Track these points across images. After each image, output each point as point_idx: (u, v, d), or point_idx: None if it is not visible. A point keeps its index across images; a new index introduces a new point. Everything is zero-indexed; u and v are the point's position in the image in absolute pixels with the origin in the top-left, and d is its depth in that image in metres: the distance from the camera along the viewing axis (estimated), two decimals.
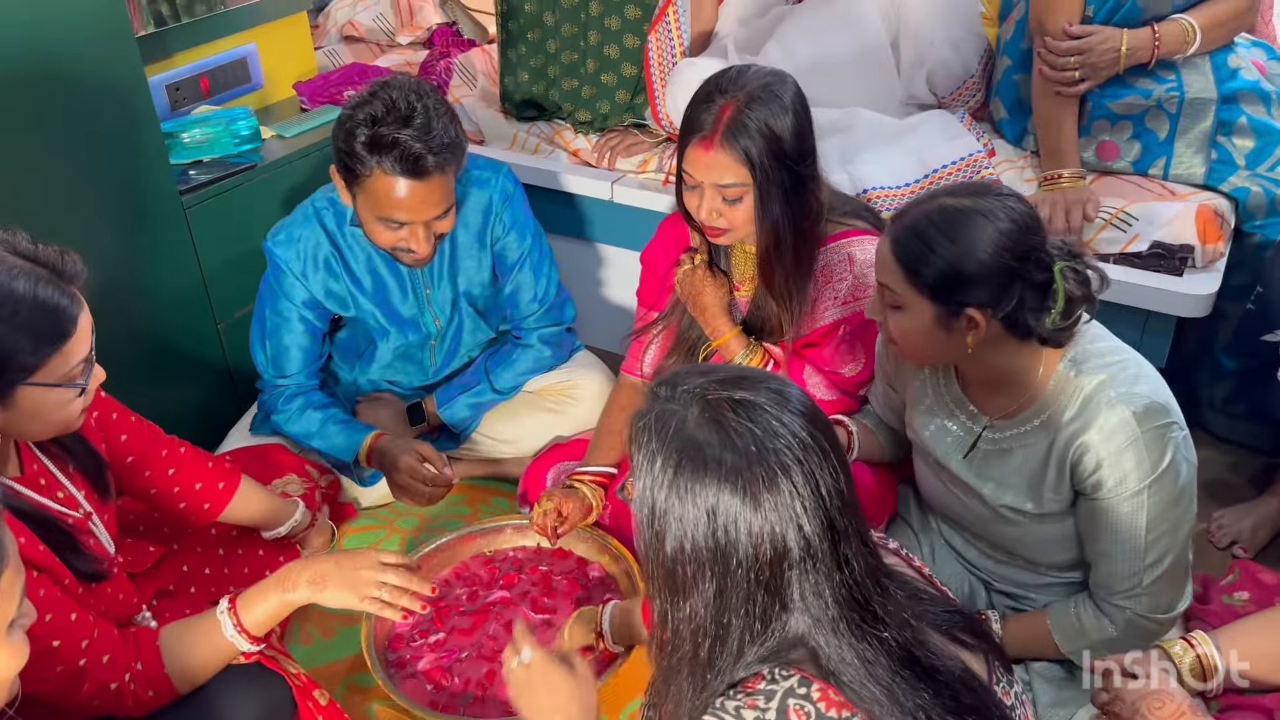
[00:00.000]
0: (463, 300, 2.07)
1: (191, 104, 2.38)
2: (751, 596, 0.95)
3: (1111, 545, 1.38)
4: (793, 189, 1.62)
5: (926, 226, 1.32)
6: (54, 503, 1.39)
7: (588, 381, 2.17)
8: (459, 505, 2.13)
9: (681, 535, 0.95)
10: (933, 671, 0.98)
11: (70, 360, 1.25)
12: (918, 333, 1.37)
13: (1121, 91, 1.98)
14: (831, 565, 0.95)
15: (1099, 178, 2.05)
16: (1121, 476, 1.34)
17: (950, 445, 1.54)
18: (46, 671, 1.24)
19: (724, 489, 0.93)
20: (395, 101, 1.73)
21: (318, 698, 1.50)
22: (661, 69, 2.35)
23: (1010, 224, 1.30)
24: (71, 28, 1.79)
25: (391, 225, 1.80)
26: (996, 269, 1.30)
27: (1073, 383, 1.37)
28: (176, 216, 2.09)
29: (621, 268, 2.53)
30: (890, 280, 1.37)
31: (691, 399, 0.97)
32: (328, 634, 1.83)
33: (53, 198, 1.84)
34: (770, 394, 0.97)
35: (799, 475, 0.93)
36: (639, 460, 0.98)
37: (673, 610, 0.99)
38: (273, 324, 2.00)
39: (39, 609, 1.22)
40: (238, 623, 1.38)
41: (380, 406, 2.15)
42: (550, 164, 2.50)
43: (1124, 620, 1.41)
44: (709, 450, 0.94)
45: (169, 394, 2.15)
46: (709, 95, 1.61)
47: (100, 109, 1.88)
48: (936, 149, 2.08)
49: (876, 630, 0.97)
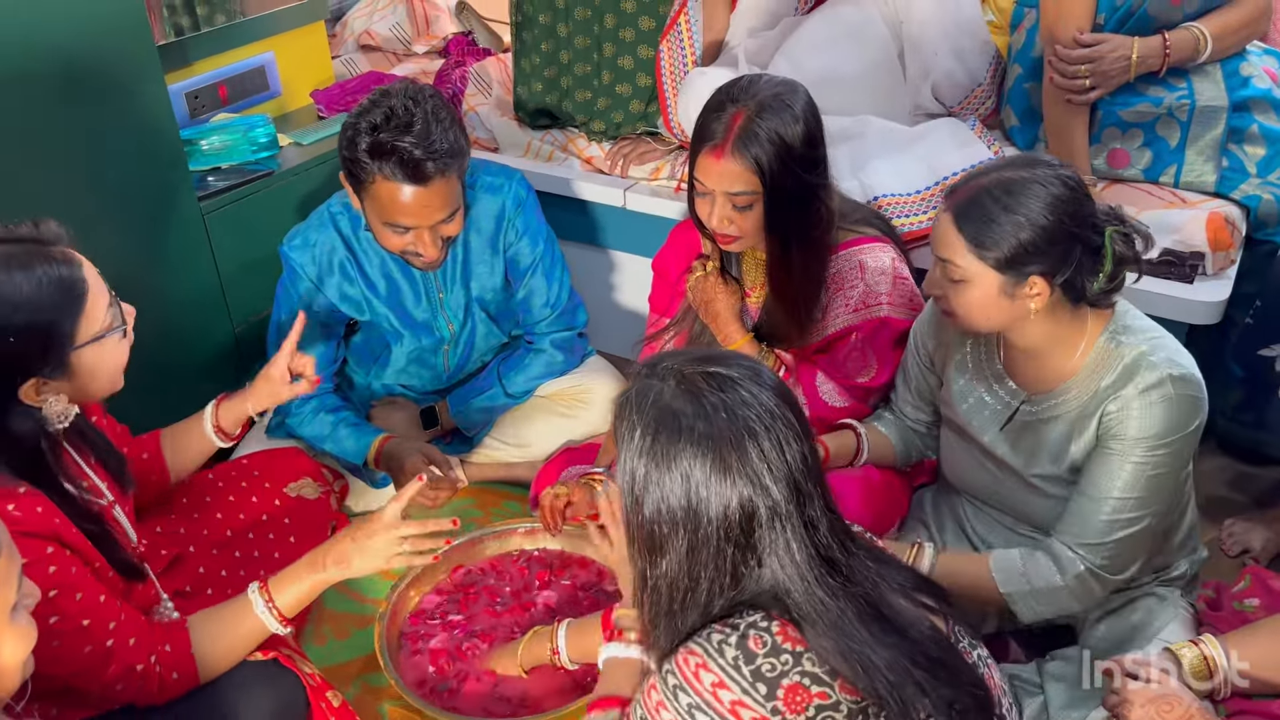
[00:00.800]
0: (475, 305, 2.09)
1: (210, 112, 2.42)
2: (721, 553, 1.02)
3: (1104, 491, 1.43)
4: (803, 197, 1.64)
5: (987, 199, 1.36)
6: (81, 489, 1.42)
7: (599, 386, 2.19)
8: (471, 509, 2.14)
9: (659, 499, 1.03)
10: (900, 628, 1.05)
11: (98, 313, 1.32)
12: (982, 304, 1.41)
13: (1132, 99, 1.98)
14: (799, 524, 1.03)
15: (1109, 185, 2.06)
16: (1145, 430, 1.39)
17: (988, 418, 1.57)
18: (74, 651, 1.27)
19: (697, 453, 1.01)
20: (395, 109, 1.75)
21: (330, 699, 1.52)
22: (673, 78, 2.37)
23: (1066, 189, 1.35)
24: (94, 37, 1.83)
25: (398, 230, 1.82)
26: (1059, 235, 1.35)
27: (1113, 353, 1.43)
28: (195, 222, 2.12)
29: (633, 274, 2.54)
30: (953, 255, 1.40)
31: (669, 374, 1.06)
32: (342, 635, 1.84)
33: (75, 203, 1.87)
34: (742, 369, 1.06)
35: (767, 441, 1.01)
36: (621, 431, 1.06)
37: (650, 569, 1.06)
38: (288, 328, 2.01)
39: (71, 587, 1.26)
40: (269, 600, 1.41)
41: (394, 410, 2.17)
42: (563, 171, 2.52)
43: (1075, 573, 1.46)
44: (683, 419, 1.02)
45: (186, 396, 2.16)
46: (721, 104, 1.63)
47: (122, 117, 1.91)
48: (947, 156, 2.09)
49: (844, 585, 1.04)
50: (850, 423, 1.76)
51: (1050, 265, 1.36)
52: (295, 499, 1.90)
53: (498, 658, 1.66)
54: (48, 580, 1.25)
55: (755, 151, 1.59)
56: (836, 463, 1.71)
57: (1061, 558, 1.47)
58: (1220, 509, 2.06)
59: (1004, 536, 1.65)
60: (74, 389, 1.32)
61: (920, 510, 1.80)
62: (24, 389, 1.26)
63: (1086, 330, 1.44)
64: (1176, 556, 1.60)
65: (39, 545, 1.25)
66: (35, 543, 1.25)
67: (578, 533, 1.87)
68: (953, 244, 1.39)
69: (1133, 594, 1.57)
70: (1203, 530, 1.71)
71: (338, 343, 2.08)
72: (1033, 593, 1.49)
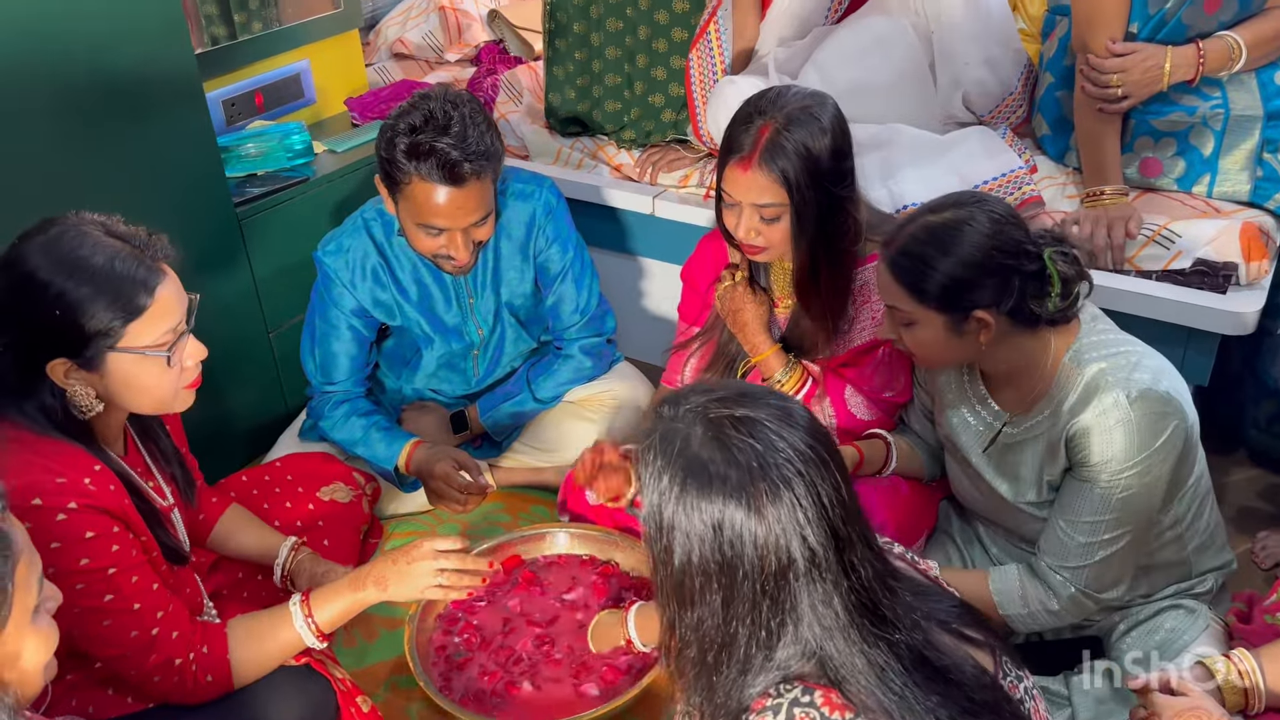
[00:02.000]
0: (505, 310, 2.12)
1: (247, 119, 2.45)
2: (757, 606, 0.97)
3: (1077, 514, 1.46)
4: (830, 210, 1.64)
5: (917, 246, 1.41)
6: (147, 488, 1.45)
7: (627, 392, 2.20)
8: (499, 513, 2.16)
9: (689, 549, 0.98)
10: (945, 671, 1.00)
11: (153, 329, 1.30)
12: (933, 343, 1.46)
13: (1165, 109, 1.97)
14: (838, 573, 0.97)
15: (1141, 194, 2.05)
16: (1108, 455, 1.41)
17: (972, 438, 1.60)
18: (122, 633, 1.31)
19: (729, 504, 0.95)
20: (433, 111, 1.78)
21: (360, 704, 1.54)
22: (703, 86, 2.38)
23: (992, 224, 1.39)
24: (136, 45, 1.86)
25: (431, 231, 1.84)
26: (991, 268, 1.39)
27: (1075, 373, 1.45)
28: (231, 228, 2.15)
29: (662, 281, 2.56)
30: (897, 301, 1.45)
31: (694, 418, 1.00)
32: (371, 637, 1.86)
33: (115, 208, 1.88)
34: (771, 410, 1.00)
35: (800, 487, 0.95)
36: (646, 478, 1.01)
37: (680, 619, 1.02)
38: (322, 332, 2.05)
39: (130, 568, 1.30)
40: (308, 614, 1.43)
41: (424, 415, 2.20)
42: (593, 179, 2.54)
43: (1067, 596, 1.50)
44: (713, 467, 0.97)
45: (221, 401, 2.21)
46: (748, 116, 1.64)
47: (162, 124, 1.95)
48: (978, 165, 2.08)
49: (887, 634, 0.99)
50: (879, 432, 1.77)
51: (990, 297, 1.40)
52: (328, 503, 1.92)
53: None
54: (109, 557, 1.28)
55: (782, 164, 1.60)
56: (867, 469, 1.72)
57: (1051, 582, 1.51)
58: (1252, 521, 2.04)
59: (1016, 555, 1.66)
60: (105, 389, 1.32)
61: (947, 524, 1.81)
62: (52, 364, 1.27)
63: (1051, 350, 1.47)
64: (1200, 568, 1.58)
65: (107, 521, 1.28)
66: (104, 518, 1.28)
67: (605, 537, 1.89)
68: (893, 291, 1.45)
69: (1159, 605, 1.56)
70: (1234, 542, 1.70)
71: (370, 347, 2.11)
72: (1030, 615, 1.54)
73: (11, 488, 1.22)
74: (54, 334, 1.26)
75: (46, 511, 1.24)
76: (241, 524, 1.75)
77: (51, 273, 1.24)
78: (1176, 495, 1.49)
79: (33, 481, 1.24)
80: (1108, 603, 1.52)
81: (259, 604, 1.73)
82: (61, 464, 1.27)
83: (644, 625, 1.61)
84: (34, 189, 1.75)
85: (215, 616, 1.56)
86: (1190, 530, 1.54)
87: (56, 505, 1.24)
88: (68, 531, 1.25)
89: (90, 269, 1.26)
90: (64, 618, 1.28)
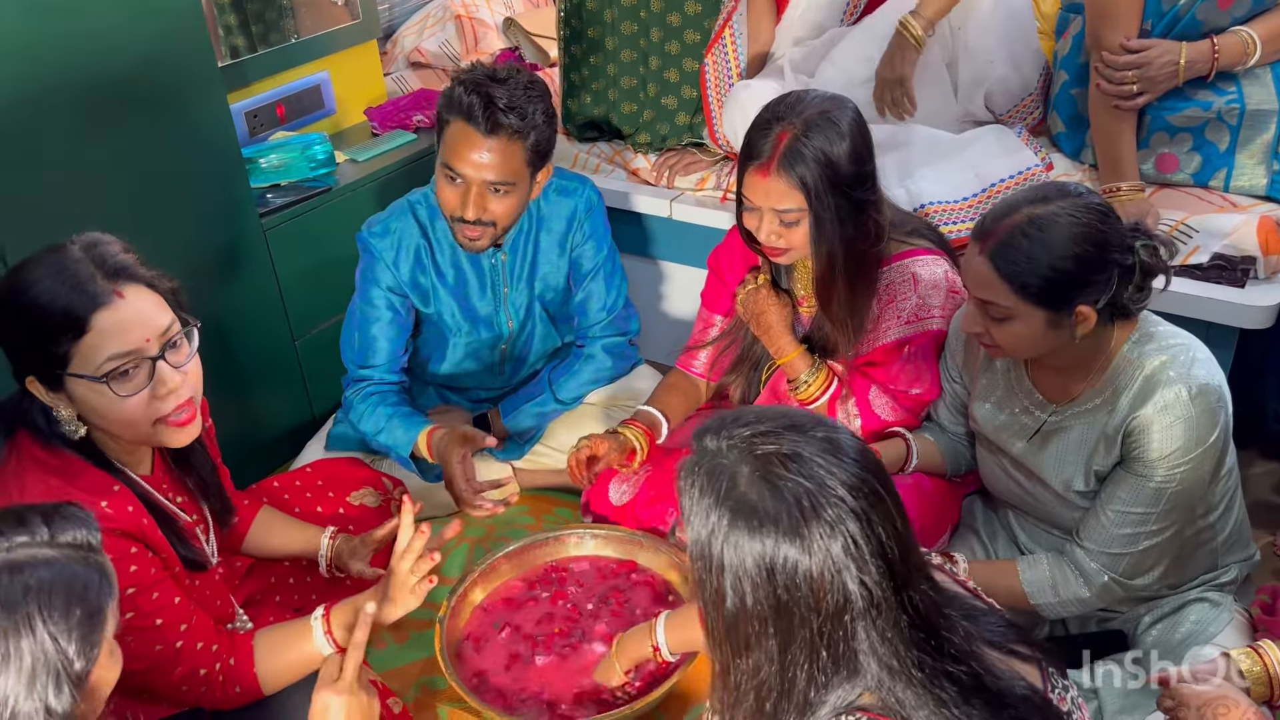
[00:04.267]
0: (537, 304, 2.15)
1: (269, 130, 2.49)
2: (816, 650, 0.95)
3: (1127, 506, 1.46)
4: (849, 213, 1.65)
5: (1021, 238, 1.37)
6: (173, 505, 1.47)
7: (647, 394, 2.21)
8: (523, 515, 2.18)
9: (741, 593, 0.95)
10: (1000, 696, 0.99)
11: (95, 354, 1.24)
12: (1030, 337, 1.43)
13: (1180, 104, 1.98)
14: (897, 610, 0.95)
15: (1158, 190, 2.05)
16: (1167, 449, 1.41)
17: (1016, 432, 1.60)
18: (147, 649, 1.33)
19: (781, 546, 0.92)
20: (498, 68, 1.88)
21: (390, 706, 1.56)
22: (718, 90, 2.40)
23: (1097, 217, 1.37)
24: (160, 59, 1.89)
25: (451, 177, 1.88)
26: (1097, 263, 1.37)
27: (1135, 363, 1.44)
28: (257, 238, 2.18)
29: (680, 283, 2.58)
30: (995, 296, 1.41)
31: (740, 455, 0.96)
32: (402, 638, 1.89)
33: (142, 220, 1.93)
34: (819, 443, 0.97)
35: (854, 525, 0.93)
36: (691, 515, 0.98)
37: (734, 664, 0.99)
38: (363, 314, 2.08)
39: (149, 586, 1.32)
40: (328, 629, 1.45)
41: (448, 418, 2.21)
42: (611, 183, 2.56)
43: (1100, 584, 1.51)
44: (763, 509, 0.93)
45: (248, 409, 2.24)
46: (767, 122, 1.65)
47: (187, 136, 1.98)
48: (994, 163, 2.09)
49: (945, 666, 0.97)
50: (899, 430, 1.78)
51: (1094, 293, 1.39)
52: (358, 507, 1.94)
53: (600, 672, 1.66)
54: (128, 578, 1.30)
55: (800, 170, 1.61)
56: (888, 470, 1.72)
57: (1086, 570, 1.52)
58: (1268, 514, 2.04)
59: (1048, 543, 1.67)
60: (82, 410, 1.30)
61: (971, 519, 1.81)
62: (28, 381, 1.28)
63: (1113, 340, 1.47)
64: (1225, 559, 1.60)
65: (125, 543, 1.30)
66: (122, 541, 1.30)
67: (630, 538, 1.90)
68: (993, 287, 1.41)
69: (1185, 598, 1.57)
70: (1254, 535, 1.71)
71: (407, 336, 2.14)
72: (1060, 603, 1.55)
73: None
74: (22, 351, 1.28)
75: None
76: (276, 524, 1.78)
77: (16, 290, 1.26)
78: (1212, 487, 1.50)
79: None
80: (1136, 591, 1.53)
81: (291, 607, 1.77)
82: (80, 487, 1.28)
83: (673, 633, 1.59)
84: (61, 203, 1.78)
85: (248, 623, 1.58)
86: (1221, 521, 1.56)
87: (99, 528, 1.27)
88: None
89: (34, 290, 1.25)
90: None
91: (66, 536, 1.00)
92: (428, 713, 1.73)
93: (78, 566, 0.99)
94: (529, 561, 1.92)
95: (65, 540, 1.00)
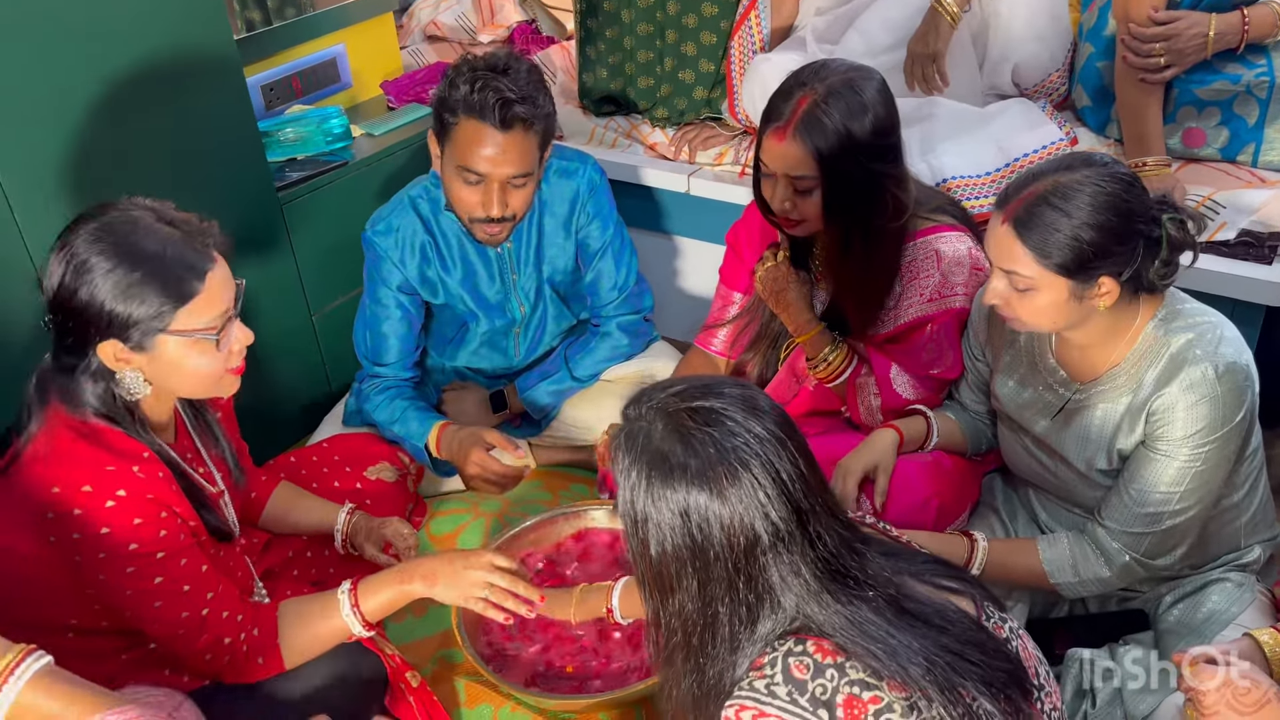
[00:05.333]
0: (546, 286, 2.14)
1: (285, 104, 2.48)
2: (733, 585, 1.03)
3: (1150, 485, 1.44)
4: (865, 185, 1.63)
5: (1045, 207, 1.35)
6: (196, 474, 1.48)
7: (664, 370, 2.21)
8: (540, 491, 2.18)
9: (661, 539, 1.04)
10: (925, 618, 1.06)
11: (203, 314, 1.32)
12: (1052, 309, 1.41)
13: (1209, 77, 1.95)
14: (804, 544, 1.03)
15: (1184, 165, 2.03)
16: (1192, 429, 1.39)
17: (1039, 410, 1.58)
18: (173, 614, 1.34)
19: (692, 491, 1.01)
20: (496, 58, 1.84)
21: (410, 679, 1.57)
22: (741, 65, 2.38)
23: (1121, 186, 1.35)
24: (177, 32, 1.88)
25: (469, 178, 1.86)
26: (1122, 233, 1.34)
27: (1161, 341, 1.42)
28: (274, 213, 2.18)
29: (698, 260, 2.56)
30: (1018, 266, 1.38)
31: (655, 414, 1.06)
32: (420, 612, 1.89)
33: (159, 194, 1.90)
34: (728, 400, 1.05)
35: (758, 467, 1.01)
36: (617, 475, 1.07)
37: (663, 608, 1.08)
38: (373, 314, 2.08)
39: (178, 552, 1.34)
40: (355, 603, 1.45)
41: (464, 395, 2.22)
42: (628, 158, 2.55)
43: (1121, 564, 1.49)
44: (674, 458, 1.02)
45: (265, 384, 2.24)
46: (790, 88, 1.64)
47: (204, 110, 1.97)
48: (1018, 137, 2.07)
49: (861, 592, 1.05)
50: (920, 408, 1.76)
51: (1118, 264, 1.36)
52: (375, 481, 1.95)
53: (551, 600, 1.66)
54: (158, 543, 1.32)
55: (816, 136, 1.59)
56: (908, 447, 1.72)
57: (1107, 549, 1.50)
58: None
59: (1069, 521, 1.65)
60: (154, 373, 1.34)
61: (991, 497, 1.80)
62: (102, 347, 1.30)
63: (1138, 316, 1.44)
64: (1249, 539, 1.58)
65: (155, 508, 1.32)
66: (152, 505, 1.31)
67: None
68: (1017, 255, 1.38)
69: (1207, 578, 1.56)
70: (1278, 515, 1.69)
71: (419, 330, 2.14)
72: (1080, 582, 1.53)
73: (62, 476, 1.27)
74: (106, 317, 1.28)
75: (96, 498, 1.28)
76: (293, 499, 1.79)
77: (105, 257, 1.27)
78: (1236, 467, 1.48)
79: (83, 469, 1.28)
80: (1158, 570, 1.51)
81: (309, 581, 1.78)
82: (111, 452, 1.31)
83: (627, 599, 1.61)
84: (79, 175, 1.78)
85: (266, 596, 1.59)
86: (1245, 501, 1.54)
87: (106, 493, 1.28)
88: (116, 518, 1.28)
89: (143, 254, 1.28)
90: (117, 599, 1.33)
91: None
92: (445, 685, 1.73)
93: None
94: (545, 537, 1.92)
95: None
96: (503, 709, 1.67)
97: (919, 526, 1.63)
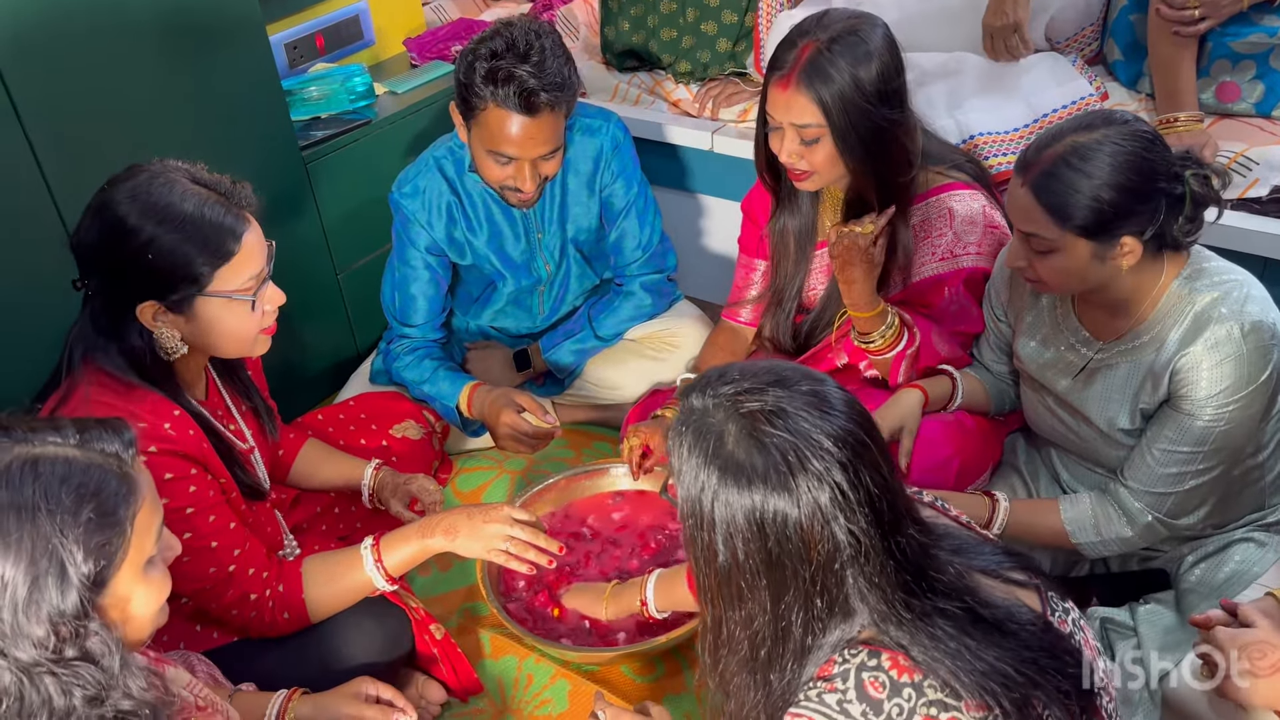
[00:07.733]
0: (570, 246, 2.14)
1: (308, 62, 2.47)
2: (810, 599, 0.97)
3: (1176, 445, 1.43)
4: (872, 133, 1.61)
5: (1064, 168, 1.34)
6: (227, 430, 1.51)
7: (688, 330, 2.22)
8: (564, 449, 2.21)
9: (733, 548, 0.97)
10: (998, 624, 1.01)
11: (240, 274, 1.35)
12: (1074, 270, 1.40)
13: (1245, 30, 1.90)
14: (884, 555, 0.97)
15: (1217, 120, 1.99)
16: (1216, 388, 1.38)
17: (1061, 370, 1.58)
18: (201, 570, 1.38)
19: (770, 500, 0.94)
20: (515, 39, 1.79)
21: (434, 631, 1.61)
22: (769, 19, 2.35)
23: (1142, 144, 1.33)
24: None
25: (500, 160, 1.86)
26: (1143, 192, 1.32)
27: (1185, 299, 1.41)
28: (298, 171, 2.18)
29: (721, 218, 2.55)
30: (1039, 229, 1.38)
31: (727, 414, 0.98)
32: (445, 566, 1.93)
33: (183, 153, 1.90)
34: (804, 397, 0.98)
35: (840, 475, 0.94)
36: (681, 474, 1.00)
37: (727, 616, 1.02)
38: (401, 275, 2.10)
39: (207, 509, 1.36)
40: (378, 559, 1.48)
41: (489, 354, 2.24)
42: (651, 115, 2.53)
43: (1143, 523, 1.49)
44: (750, 465, 0.95)
45: (292, 343, 2.26)
46: (793, 38, 1.62)
47: (227, 68, 1.97)
48: (1047, 93, 2.03)
49: (937, 603, 0.99)
50: (945, 368, 1.76)
51: (1139, 223, 1.34)
52: (401, 439, 1.98)
53: (577, 595, 1.70)
54: (187, 498, 1.35)
55: (820, 82, 1.57)
56: (933, 407, 1.71)
57: (1129, 509, 1.50)
58: None
59: (1091, 481, 1.65)
60: (190, 332, 1.37)
61: (1013, 457, 1.80)
62: (141, 308, 1.32)
63: (1163, 275, 1.43)
64: (1273, 499, 1.57)
65: (185, 464, 1.35)
66: (182, 462, 1.34)
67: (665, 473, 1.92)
68: (1036, 218, 1.37)
69: (1230, 537, 1.55)
70: None
71: (446, 290, 2.15)
72: (1102, 542, 1.53)
73: None
74: (145, 278, 1.30)
75: None
76: (321, 456, 1.82)
77: (143, 219, 1.29)
78: (1261, 426, 1.47)
79: None
80: (1180, 530, 1.51)
81: (336, 535, 1.81)
82: (143, 409, 1.33)
83: (663, 591, 1.60)
84: (104, 135, 1.79)
85: (296, 548, 1.62)
86: (1270, 461, 1.53)
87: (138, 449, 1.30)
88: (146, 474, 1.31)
89: (181, 216, 1.30)
90: None
91: (97, 444, 0.99)
92: (470, 638, 1.77)
93: (96, 469, 0.96)
94: (569, 495, 1.95)
95: (94, 446, 0.99)
96: (527, 660, 1.70)
97: (939, 486, 1.64)
